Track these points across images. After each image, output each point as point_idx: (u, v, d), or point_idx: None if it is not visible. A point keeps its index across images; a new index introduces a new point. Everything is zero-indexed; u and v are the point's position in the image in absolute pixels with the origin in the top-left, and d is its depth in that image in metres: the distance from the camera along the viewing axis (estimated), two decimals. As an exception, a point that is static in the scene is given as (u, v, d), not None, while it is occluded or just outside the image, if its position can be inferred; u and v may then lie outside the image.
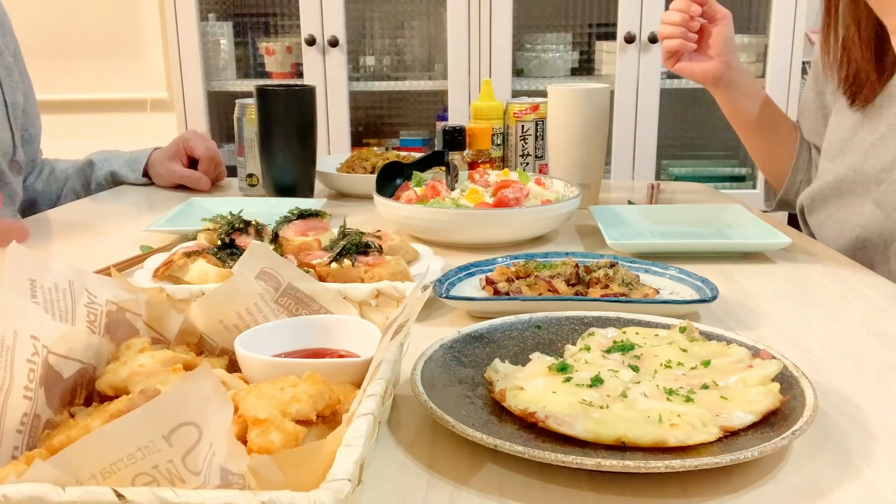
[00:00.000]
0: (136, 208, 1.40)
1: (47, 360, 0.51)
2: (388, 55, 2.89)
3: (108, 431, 0.39)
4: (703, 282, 0.87)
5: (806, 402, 0.57)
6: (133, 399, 0.49)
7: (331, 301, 0.67)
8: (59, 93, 2.92)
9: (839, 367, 0.72)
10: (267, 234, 0.98)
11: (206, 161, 1.51)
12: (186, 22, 2.59)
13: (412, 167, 1.26)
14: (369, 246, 0.90)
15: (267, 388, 0.50)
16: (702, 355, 0.65)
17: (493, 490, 0.52)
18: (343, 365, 0.58)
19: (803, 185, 1.34)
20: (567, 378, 0.60)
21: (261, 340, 0.60)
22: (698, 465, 0.50)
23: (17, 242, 0.54)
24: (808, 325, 0.82)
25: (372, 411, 0.47)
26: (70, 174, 1.57)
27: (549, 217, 1.11)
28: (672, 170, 2.74)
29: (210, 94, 2.69)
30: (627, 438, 0.53)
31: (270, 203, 1.28)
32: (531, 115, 1.39)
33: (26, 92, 1.47)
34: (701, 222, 1.19)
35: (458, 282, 0.90)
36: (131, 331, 0.61)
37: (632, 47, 2.50)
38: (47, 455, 0.44)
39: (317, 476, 0.40)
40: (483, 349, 0.68)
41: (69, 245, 1.18)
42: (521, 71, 2.73)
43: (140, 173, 1.54)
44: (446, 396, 0.59)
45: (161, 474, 0.40)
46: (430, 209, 1.07)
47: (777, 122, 1.34)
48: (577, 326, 0.73)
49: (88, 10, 2.93)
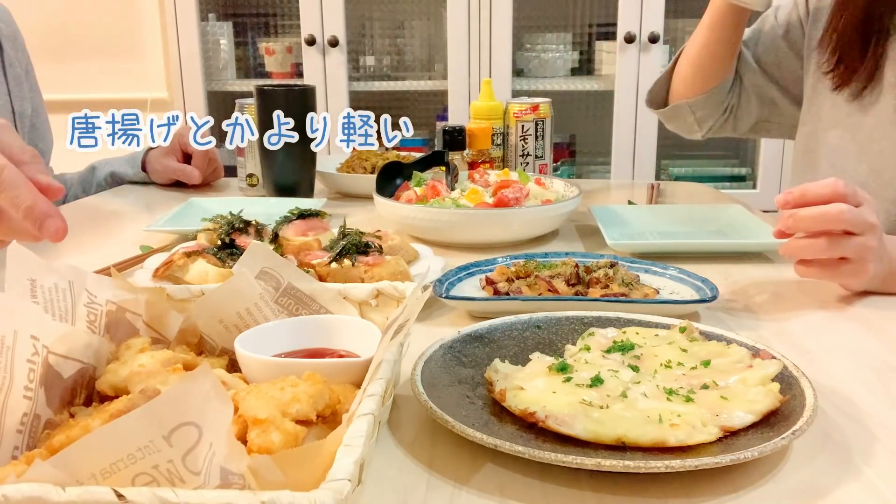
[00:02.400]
0: (136, 208, 1.40)
1: (47, 360, 0.51)
2: (388, 55, 2.89)
3: (108, 431, 0.39)
4: (703, 282, 0.87)
5: (806, 402, 0.57)
6: (133, 399, 0.49)
7: (331, 301, 0.67)
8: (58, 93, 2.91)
9: (839, 367, 0.72)
10: (267, 234, 0.98)
11: (199, 156, 1.52)
12: (186, 22, 2.59)
13: (412, 167, 1.26)
14: (369, 246, 0.90)
15: (267, 388, 0.50)
16: (702, 355, 0.65)
17: (493, 490, 0.52)
18: (343, 365, 0.58)
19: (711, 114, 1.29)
20: (567, 378, 0.60)
21: (261, 340, 0.60)
22: (698, 465, 0.50)
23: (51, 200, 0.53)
24: (808, 325, 0.82)
25: (372, 411, 0.47)
26: (74, 182, 1.59)
27: (549, 217, 1.11)
28: (672, 170, 2.74)
29: (210, 94, 2.69)
30: (627, 438, 0.53)
31: (270, 203, 1.28)
32: (531, 115, 1.39)
33: (36, 107, 1.50)
34: (701, 222, 1.19)
35: (458, 282, 0.90)
36: (131, 331, 0.61)
37: (632, 47, 2.50)
38: (47, 455, 0.44)
39: (317, 476, 0.40)
40: (483, 349, 0.68)
41: (69, 245, 1.18)
42: (521, 71, 2.73)
43: (139, 168, 1.55)
44: (446, 396, 0.59)
45: (161, 474, 0.40)
46: (430, 209, 1.07)
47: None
48: (577, 326, 0.73)
49: (88, 11, 2.93)
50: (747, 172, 2.73)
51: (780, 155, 2.58)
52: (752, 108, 1.31)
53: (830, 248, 0.82)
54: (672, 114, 1.33)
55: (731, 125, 1.33)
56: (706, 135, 1.35)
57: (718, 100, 1.28)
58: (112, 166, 1.57)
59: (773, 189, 2.58)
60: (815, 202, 0.81)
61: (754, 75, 1.29)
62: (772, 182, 2.60)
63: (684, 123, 1.34)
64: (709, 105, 1.29)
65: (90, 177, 1.58)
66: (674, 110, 1.32)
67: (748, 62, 1.28)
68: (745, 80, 1.29)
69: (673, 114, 1.33)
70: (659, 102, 1.35)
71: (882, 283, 0.88)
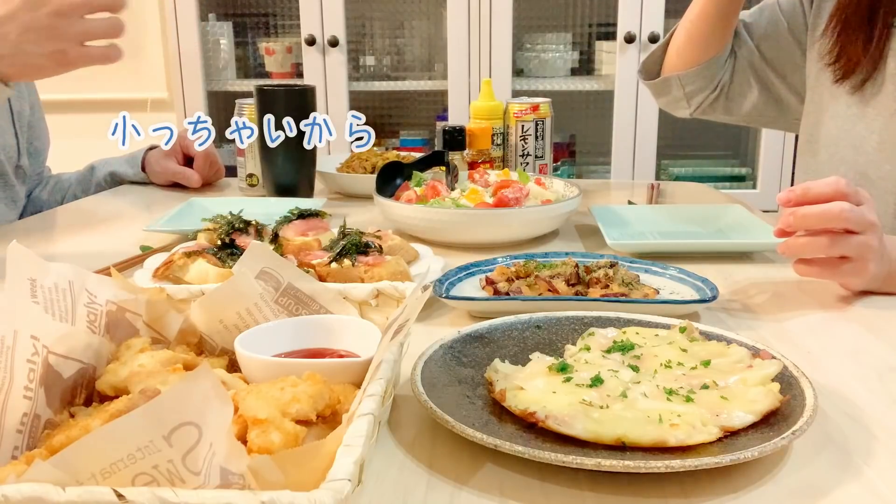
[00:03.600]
0: (136, 208, 1.40)
1: (47, 360, 0.51)
2: (388, 55, 2.89)
3: (108, 431, 0.39)
4: (703, 282, 0.87)
5: (806, 402, 0.57)
6: (133, 399, 0.49)
7: (331, 301, 0.67)
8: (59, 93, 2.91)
9: (839, 367, 0.72)
10: (267, 234, 0.98)
11: (200, 158, 1.52)
12: (186, 22, 2.59)
13: (412, 167, 1.26)
14: (369, 246, 0.90)
15: (267, 388, 0.50)
16: (702, 355, 0.65)
17: (493, 490, 0.52)
18: (343, 365, 0.58)
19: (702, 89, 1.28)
20: (567, 378, 0.60)
21: (261, 340, 0.60)
22: (698, 465, 0.50)
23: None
24: (808, 325, 0.82)
25: (372, 411, 0.47)
26: (73, 182, 1.59)
27: (549, 217, 1.11)
28: (672, 170, 2.74)
29: (210, 94, 2.69)
30: (627, 438, 0.53)
31: (270, 203, 1.28)
32: (531, 115, 1.39)
33: (33, 105, 1.50)
34: (701, 222, 1.19)
35: (458, 282, 0.90)
36: (131, 331, 0.61)
37: (632, 47, 2.50)
38: (47, 455, 0.44)
39: (317, 476, 0.40)
40: (483, 349, 0.68)
41: (69, 245, 1.18)
42: (521, 71, 2.73)
43: (139, 168, 1.55)
44: (446, 396, 0.59)
45: (161, 474, 0.40)
46: (430, 209, 1.07)
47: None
48: (577, 326, 0.73)
49: (88, 10, 2.92)
50: (747, 172, 2.73)
51: (780, 155, 2.58)
52: (746, 91, 1.29)
53: (831, 246, 0.82)
54: (662, 86, 1.32)
55: (722, 106, 1.31)
56: (694, 113, 1.33)
57: (709, 74, 1.27)
58: (111, 166, 1.57)
59: (773, 189, 2.58)
60: (816, 200, 0.81)
61: (751, 55, 1.28)
62: (772, 182, 2.60)
63: (673, 98, 1.32)
64: (699, 79, 1.27)
65: (89, 176, 1.58)
66: (663, 82, 1.31)
67: (745, 41, 1.28)
68: (741, 60, 1.28)
69: (663, 86, 1.32)
70: (651, 74, 1.34)
71: (882, 283, 0.88)
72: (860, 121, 1.13)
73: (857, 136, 1.13)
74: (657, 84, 1.32)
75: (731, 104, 1.31)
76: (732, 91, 1.30)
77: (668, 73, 1.30)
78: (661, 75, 1.32)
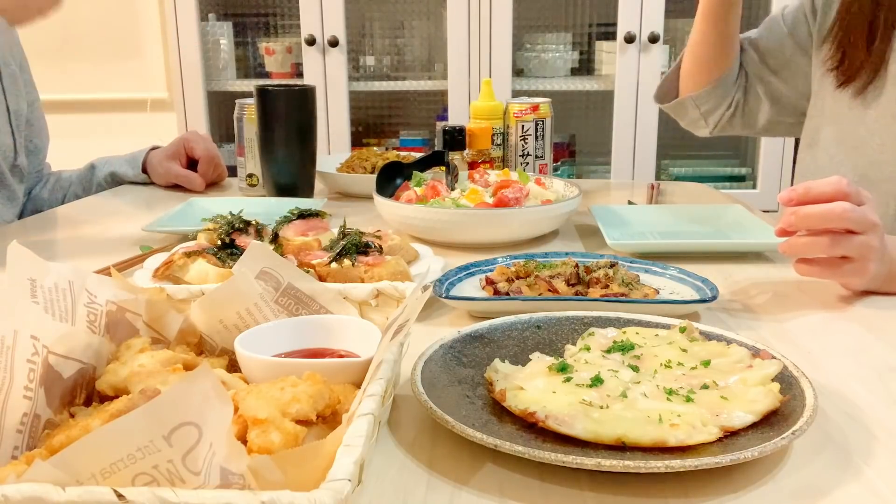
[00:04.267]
0: (136, 208, 1.40)
1: (47, 360, 0.51)
2: (388, 55, 2.89)
3: (108, 431, 0.39)
4: (703, 282, 0.87)
5: (806, 402, 0.57)
6: (133, 399, 0.49)
7: (331, 301, 0.67)
8: (59, 93, 2.91)
9: (839, 367, 0.72)
10: (267, 234, 0.98)
11: (204, 162, 1.52)
12: (186, 22, 2.59)
13: (412, 167, 1.26)
14: (369, 246, 0.90)
15: (267, 388, 0.50)
16: (702, 355, 0.65)
17: (493, 490, 0.52)
18: (343, 365, 0.58)
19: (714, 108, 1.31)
20: (567, 378, 0.60)
21: (261, 340, 0.60)
22: (698, 465, 0.50)
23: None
24: (808, 325, 0.82)
25: (372, 411, 0.47)
26: (73, 181, 1.59)
27: (549, 217, 1.11)
28: (672, 170, 2.74)
29: (210, 94, 2.69)
30: (627, 438, 0.53)
31: (270, 203, 1.27)
32: (531, 115, 1.39)
33: (31, 103, 1.50)
34: (701, 222, 1.19)
35: (458, 282, 0.90)
36: (131, 331, 0.61)
37: (632, 47, 2.50)
38: (47, 455, 0.45)
39: (317, 476, 0.40)
40: (483, 349, 0.68)
41: (69, 245, 1.18)
42: (521, 71, 2.73)
43: (139, 169, 1.55)
44: (446, 396, 0.59)
45: (161, 474, 0.40)
46: (430, 209, 1.07)
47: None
48: (577, 326, 0.73)
49: (88, 10, 2.92)
50: (747, 172, 2.73)
51: (780, 155, 2.58)
52: (760, 105, 1.31)
53: (832, 246, 0.82)
54: (678, 108, 1.36)
55: (740, 121, 1.34)
56: (714, 131, 1.36)
57: (721, 93, 1.30)
58: (112, 166, 1.57)
59: (773, 189, 2.58)
60: (818, 200, 0.81)
61: (759, 70, 1.30)
62: (772, 182, 2.60)
63: (691, 119, 1.36)
64: (712, 99, 1.30)
65: (90, 175, 1.58)
66: (679, 105, 1.34)
67: (753, 57, 1.30)
68: (751, 76, 1.30)
69: (679, 108, 1.35)
70: (668, 98, 1.37)
71: (883, 283, 0.88)
72: (861, 123, 1.13)
73: (858, 139, 1.14)
74: (674, 107, 1.36)
75: (748, 119, 1.33)
76: (747, 106, 1.32)
77: (683, 95, 1.33)
78: (678, 98, 1.35)
